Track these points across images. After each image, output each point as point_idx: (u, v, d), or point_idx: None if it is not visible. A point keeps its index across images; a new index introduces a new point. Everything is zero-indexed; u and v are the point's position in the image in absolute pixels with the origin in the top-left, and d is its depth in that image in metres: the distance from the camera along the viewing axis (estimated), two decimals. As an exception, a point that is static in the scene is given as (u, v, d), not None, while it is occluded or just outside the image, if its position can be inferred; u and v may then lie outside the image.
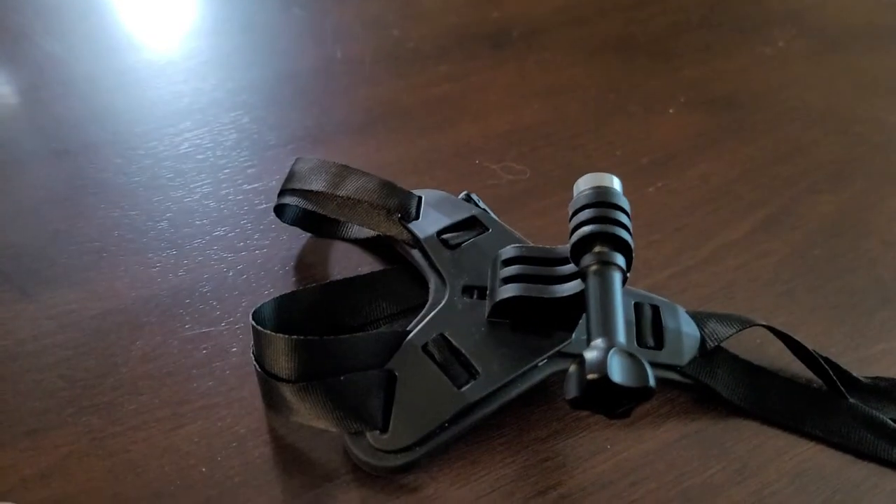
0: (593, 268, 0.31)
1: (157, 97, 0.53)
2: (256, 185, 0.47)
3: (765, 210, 0.48)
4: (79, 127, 0.50)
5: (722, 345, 0.38)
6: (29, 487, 0.32)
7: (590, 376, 0.27)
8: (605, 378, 0.27)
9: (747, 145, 0.54)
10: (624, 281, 0.32)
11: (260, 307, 0.35)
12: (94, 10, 0.62)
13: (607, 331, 0.29)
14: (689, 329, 0.38)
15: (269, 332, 0.33)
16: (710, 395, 0.37)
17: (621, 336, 0.29)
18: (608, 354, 0.28)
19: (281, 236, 0.44)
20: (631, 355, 0.28)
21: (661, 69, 0.61)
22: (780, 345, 0.39)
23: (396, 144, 0.52)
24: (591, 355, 0.28)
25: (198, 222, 0.44)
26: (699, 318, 0.38)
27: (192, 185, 0.47)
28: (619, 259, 0.32)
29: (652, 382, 0.28)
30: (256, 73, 0.57)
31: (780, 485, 0.34)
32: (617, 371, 0.27)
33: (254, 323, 0.34)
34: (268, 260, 0.43)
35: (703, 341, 0.37)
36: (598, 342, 0.29)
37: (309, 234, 0.44)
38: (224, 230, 0.44)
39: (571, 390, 0.28)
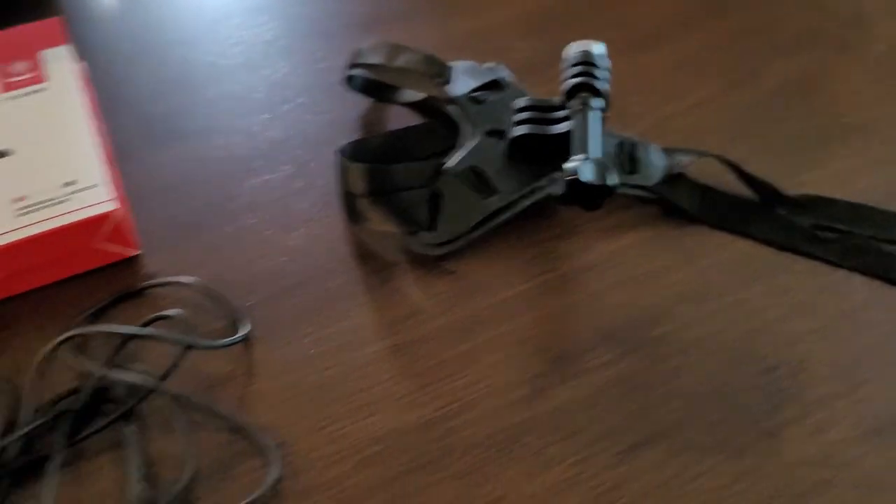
0: (577, 108, 0.44)
1: (242, -5, 0.66)
2: (325, 64, 0.60)
3: (735, 72, 0.60)
4: (181, 20, 0.63)
5: (685, 173, 0.50)
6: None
7: (568, 178, 0.40)
8: (577, 179, 0.40)
9: (724, 20, 0.65)
10: (603, 119, 0.44)
11: (342, 147, 0.48)
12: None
13: (584, 149, 0.42)
14: (659, 160, 0.50)
15: (349, 161, 0.46)
16: (672, 209, 0.50)
17: (594, 153, 0.42)
18: (582, 162, 0.41)
19: (348, 103, 0.57)
20: (599, 163, 0.41)
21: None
22: (730, 174, 0.51)
23: (435, 28, 0.64)
24: (570, 165, 0.41)
25: (284, 93, 0.58)
26: (667, 152, 0.51)
27: (277, 65, 0.60)
28: (597, 102, 0.44)
29: (612, 182, 0.41)
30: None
31: (717, 267, 0.48)
32: (587, 173, 0.40)
33: (340, 156, 0.47)
34: (340, 118, 0.56)
35: (668, 168, 0.50)
36: (578, 156, 0.42)
37: (370, 100, 0.57)
38: (304, 99, 0.57)
39: (557, 189, 0.41)
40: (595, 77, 0.44)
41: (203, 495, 0.38)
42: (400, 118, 0.56)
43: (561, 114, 0.47)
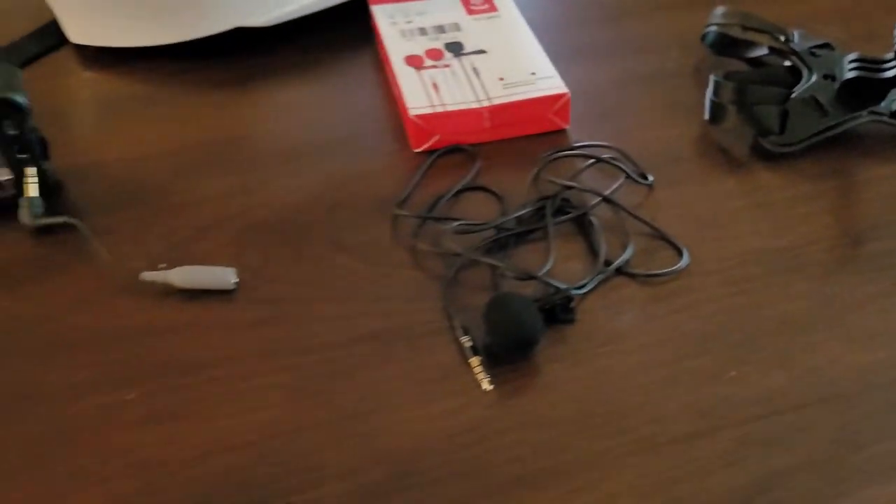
0: (907, 57, 0.64)
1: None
2: (678, 27, 0.82)
3: None
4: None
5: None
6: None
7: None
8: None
9: None
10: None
11: (718, 75, 0.70)
12: None
13: (913, 81, 0.62)
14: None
15: (721, 79, 0.68)
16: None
17: (920, 85, 0.62)
18: (913, 87, 0.60)
19: (696, 56, 0.78)
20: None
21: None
22: None
23: (767, 8, 0.84)
24: (904, 87, 0.61)
25: (650, 43, 0.80)
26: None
27: (647, 22, 0.82)
28: (921, 55, 0.64)
29: (932, 102, 0.60)
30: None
31: None
32: (915, 92, 0.60)
33: (716, 78, 0.68)
34: (692, 64, 0.77)
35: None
36: (906, 83, 0.61)
37: (713, 55, 0.78)
38: (668, 49, 0.79)
39: (893, 106, 0.61)
40: (921, 39, 0.64)
41: (637, 266, 0.60)
42: (741, 66, 0.77)
43: (887, 66, 0.67)
